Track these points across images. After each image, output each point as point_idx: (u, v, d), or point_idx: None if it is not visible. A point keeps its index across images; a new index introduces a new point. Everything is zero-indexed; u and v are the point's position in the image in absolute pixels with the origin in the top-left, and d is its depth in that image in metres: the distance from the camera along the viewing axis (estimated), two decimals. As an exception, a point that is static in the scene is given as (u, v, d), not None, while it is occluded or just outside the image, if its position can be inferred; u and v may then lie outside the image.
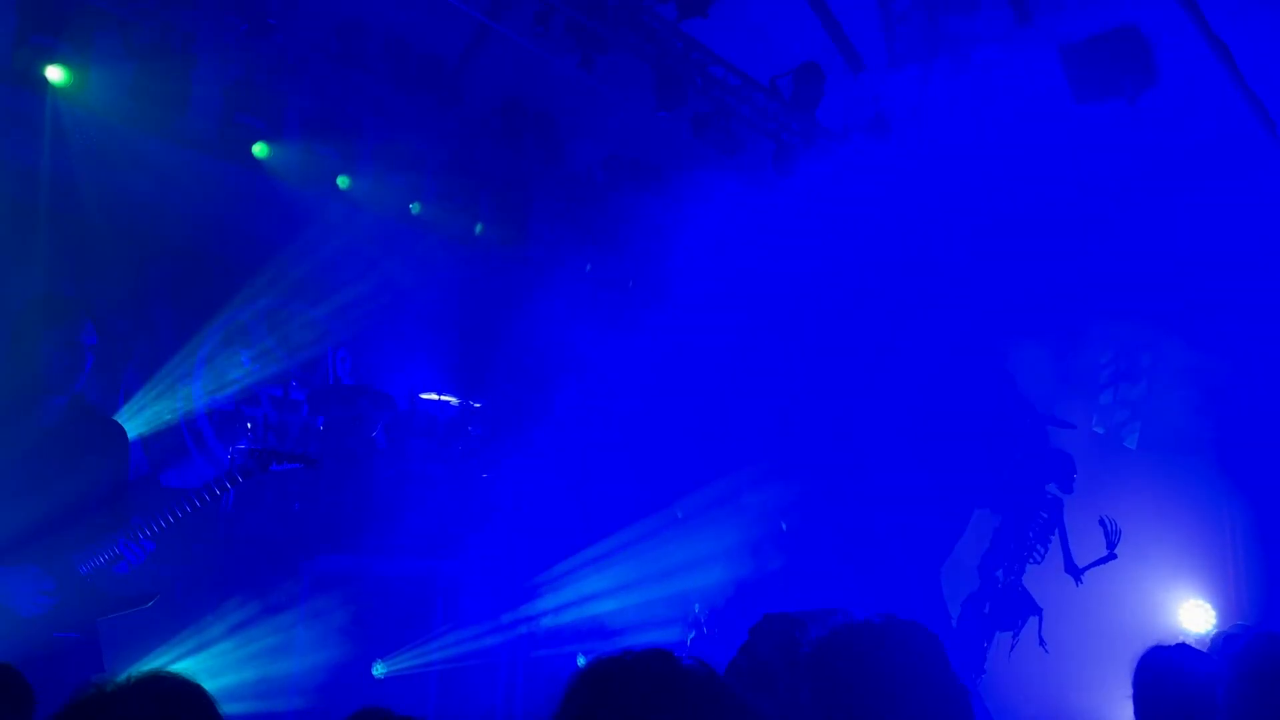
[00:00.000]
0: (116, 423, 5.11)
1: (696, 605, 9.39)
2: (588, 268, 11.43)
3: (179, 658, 6.91)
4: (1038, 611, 9.39)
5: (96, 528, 4.64)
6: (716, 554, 10.15)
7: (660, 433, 10.43)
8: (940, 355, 10.49)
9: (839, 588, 10.07)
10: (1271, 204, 9.25)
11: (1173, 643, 3.40)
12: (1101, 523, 9.15)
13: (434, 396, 10.04)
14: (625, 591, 9.46)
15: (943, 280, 10.47)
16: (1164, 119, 8.99)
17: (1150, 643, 3.59)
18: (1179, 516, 10.04)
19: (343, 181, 9.61)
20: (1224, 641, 4.60)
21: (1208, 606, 10.21)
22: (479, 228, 10.70)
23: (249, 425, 8.68)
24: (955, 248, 10.35)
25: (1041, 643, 9.24)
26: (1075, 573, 9.43)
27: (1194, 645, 3.67)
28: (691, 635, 9.16)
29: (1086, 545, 9.65)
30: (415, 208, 10.20)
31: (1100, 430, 10.82)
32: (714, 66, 9.77)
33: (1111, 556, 9.16)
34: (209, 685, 2.04)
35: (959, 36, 9.64)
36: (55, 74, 7.83)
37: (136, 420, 8.48)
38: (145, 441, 8.72)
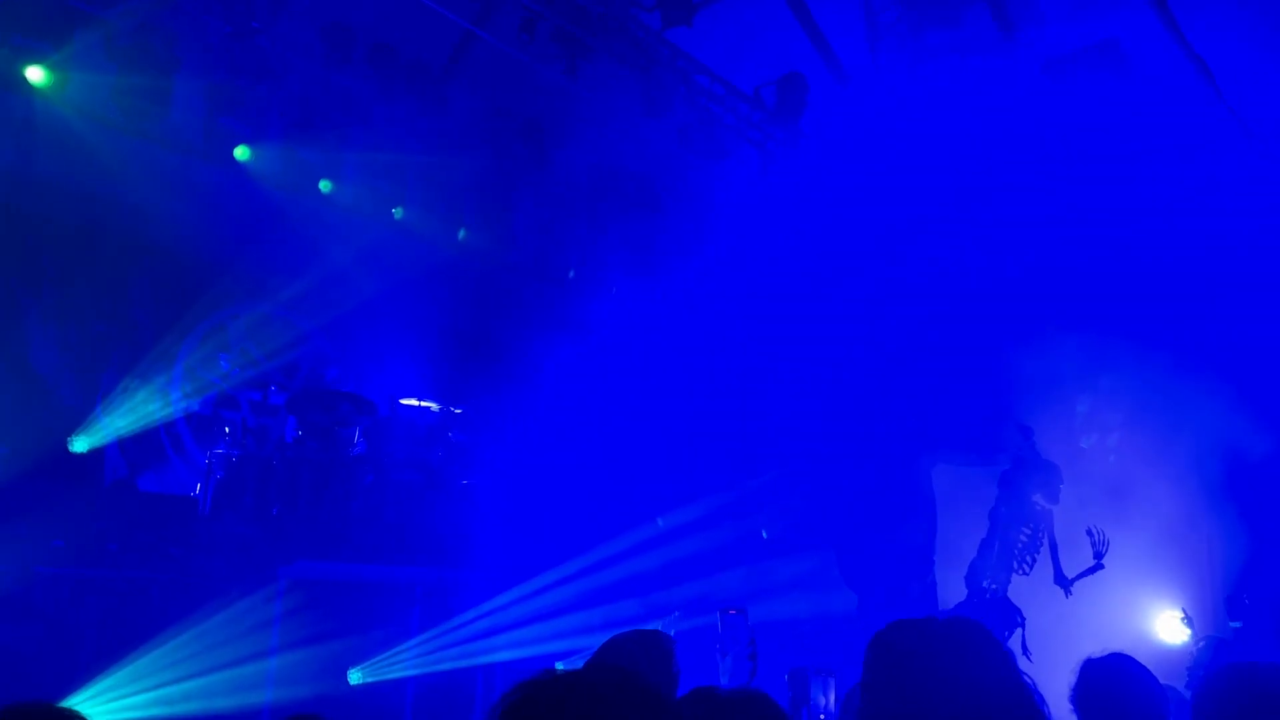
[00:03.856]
0: None
1: (675, 613, 9.37)
2: (571, 274, 11.41)
3: (153, 662, 6.87)
4: (1022, 621, 9.36)
5: None
6: (698, 561, 10.15)
7: (644, 440, 10.41)
8: (922, 363, 10.53)
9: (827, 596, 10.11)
10: (1250, 215, 9.31)
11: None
12: (1089, 532, 9.08)
13: (415, 402, 10.00)
14: (604, 600, 9.44)
15: (923, 288, 10.50)
16: (1145, 131, 9.06)
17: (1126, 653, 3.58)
18: (1158, 528, 10.05)
19: (325, 185, 9.58)
20: (1195, 662, 4.57)
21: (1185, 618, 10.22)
22: (462, 233, 10.68)
23: (227, 429, 8.63)
24: (935, 256, 10.39)
25: (1025, 652, 9.22)
26: (1065, 584, 9.36)
27: (1160, 655, 3.67)
28: None
29: (1067, 556, 9.64)
30: (398, 212, 10.18)
31: (1085, 445, 10.81)
32: (699, 75, 9.78)
33: (1099, 566, 9.10)
34: (185, 686, 2.02)
35: (942, 48, 9.67)
36: (36, 75, 7.80)
37: (115, 423, 8.44)
38: (123, 444, 8.66)
